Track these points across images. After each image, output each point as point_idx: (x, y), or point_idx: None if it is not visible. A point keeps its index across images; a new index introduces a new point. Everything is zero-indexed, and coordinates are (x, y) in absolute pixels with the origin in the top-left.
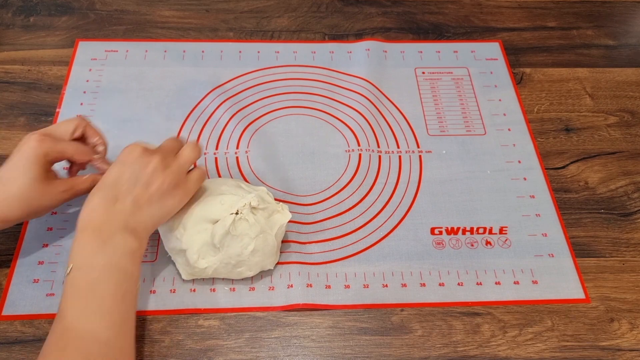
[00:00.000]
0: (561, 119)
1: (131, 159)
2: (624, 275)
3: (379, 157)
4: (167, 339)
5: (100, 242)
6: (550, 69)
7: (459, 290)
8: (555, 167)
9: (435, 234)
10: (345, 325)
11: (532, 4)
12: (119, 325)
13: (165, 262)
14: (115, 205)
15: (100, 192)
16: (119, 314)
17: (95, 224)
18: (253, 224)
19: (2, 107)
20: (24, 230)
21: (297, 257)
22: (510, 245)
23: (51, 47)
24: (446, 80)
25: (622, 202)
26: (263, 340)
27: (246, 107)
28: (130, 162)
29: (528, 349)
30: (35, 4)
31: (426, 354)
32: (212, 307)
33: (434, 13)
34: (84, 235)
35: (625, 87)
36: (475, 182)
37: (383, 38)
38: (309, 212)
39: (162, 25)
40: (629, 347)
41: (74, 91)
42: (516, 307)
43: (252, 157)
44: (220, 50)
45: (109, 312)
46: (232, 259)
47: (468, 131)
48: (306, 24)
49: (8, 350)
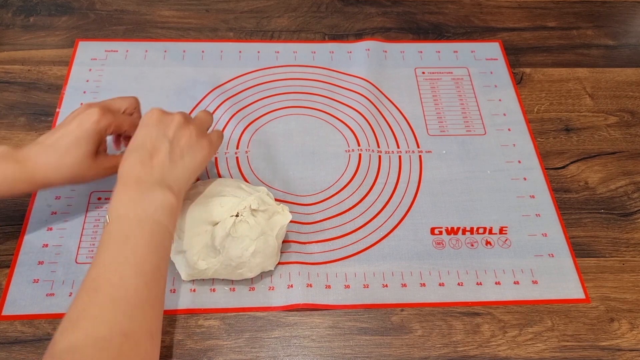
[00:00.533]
0: (561, 119)
1: (154, 121)
2: (624, 275)
3: (379, 157)
4: (167, 339)
5: (139, 194)
6: (550, 69)
7: (459, 290)
8: (555, 167)
9: (435, 234)
10: (345, 325)
11: (532, 4)
12: (150, 275)
13: None
14: (152, 161)
15: (135, 152)
16: (150, 265)
17: (135, 176)
18: (253, 226)
19: (2, 107)
20: (24, 230)
21: (297, 257)
22: (510, 245)
23: (51, 47)
24: (446, 80)
25: (622, 202)
26: (263, 340)
27: (246, 107)
28: (153, 123)
29: (528, 349)
30: (35, 4)
31: (426, 354)
32: (212, 307)
33: (434, 13)
34: (124, 188)
35: (625, 87)
36: (475, 182)
37: (383, 38)
38: (309, 212)
39: (162, 25)
40: (629, 347)
41: (74, 91)
42: (516, 307)
43: (252, 157)
44: (220, 50)
45: (141, 263)
46: (232, 261)
47: (468, 131)
48: (306, 24)
49: (8, 350)
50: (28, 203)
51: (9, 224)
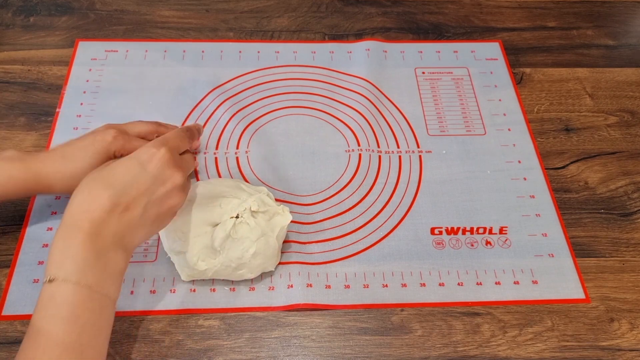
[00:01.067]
0: (561, 119)
1: (153, 167)
2: (624, 275)
3: (379, 157)
4: (167, 339)
5: (94, 254)
6: (550, 69)
7: (459, 290)
8: (555, 167)
9: (435, 234)
10: (345, 325)
11: (532, 4)
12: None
13: (165, 262)
14: (124, 214)
15: (111, 190)
16: (95, 350)
17: (96, 224)
18: (254, 227)
19: (2, 107)
20: (24, 230)
21: (297, 257)
22: (510, 245)
23: (51, 47)
24: (446, 80)
25: (622, 202)
26: (263, 340)
27: (246, 107)
28: (151, 169)
29: (528, 349)
30: (35, 4)
31: (426, 354)
32: (212, 307)
33: (434, 13)
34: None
35: (625, 87)
36: (475, 182)
37: (383, 38)
38: (309, 212)
39: (162, 25)
40: (629, 347)
41: (74, 91)
42: (516, 307)
43: (252, 157)
44: (220, 50)
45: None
46: (232, 262)
47: (468, 131)
48: (306, 24)
49: (8, 350)
50: (28, 203)
51: (9, 224)
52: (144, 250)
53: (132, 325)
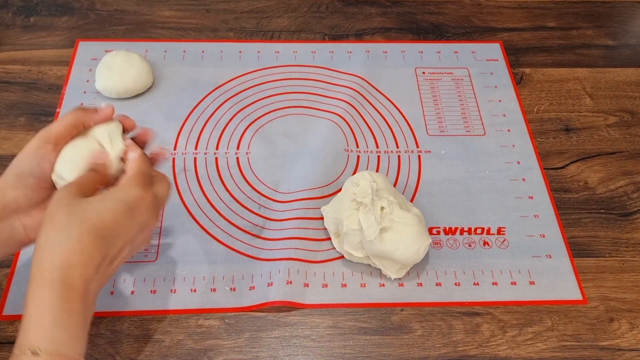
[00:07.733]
0: (561, 119)
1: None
2: (624, 275)
3: (378, 157)
4: (167, 339)
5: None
6: (550, 69)
7: (455, 290)
8: (555, 167)
9: (433, 234)
10: (345, 325)
11: (532, 4)
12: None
13: (165, 262)
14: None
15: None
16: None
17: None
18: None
19: (2, 107)
20: None
21: (295, 255)
22: (508, 245)
23: (51, 47)
24: (446, 80)
25: (622, 202)
26: (263, 340)
27: (246, 107)
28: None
29: (528, 348)
30: (35, 4)
31: (426, 354)
32: (212, 307)
33: (434, 13)
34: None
35: (625, 87)
36: (474, 182)
37: (383, 38)
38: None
39: (162, 25)
40: (628, 347)
41: (74, 91)
42: (516, 307)
43: (253, 157)
44: (220, 50)
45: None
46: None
47: (467, 131)
48: (306, 24)
49: (8, 350)
50: None
51: None
52: (144, 250)
53: (132, 325)
